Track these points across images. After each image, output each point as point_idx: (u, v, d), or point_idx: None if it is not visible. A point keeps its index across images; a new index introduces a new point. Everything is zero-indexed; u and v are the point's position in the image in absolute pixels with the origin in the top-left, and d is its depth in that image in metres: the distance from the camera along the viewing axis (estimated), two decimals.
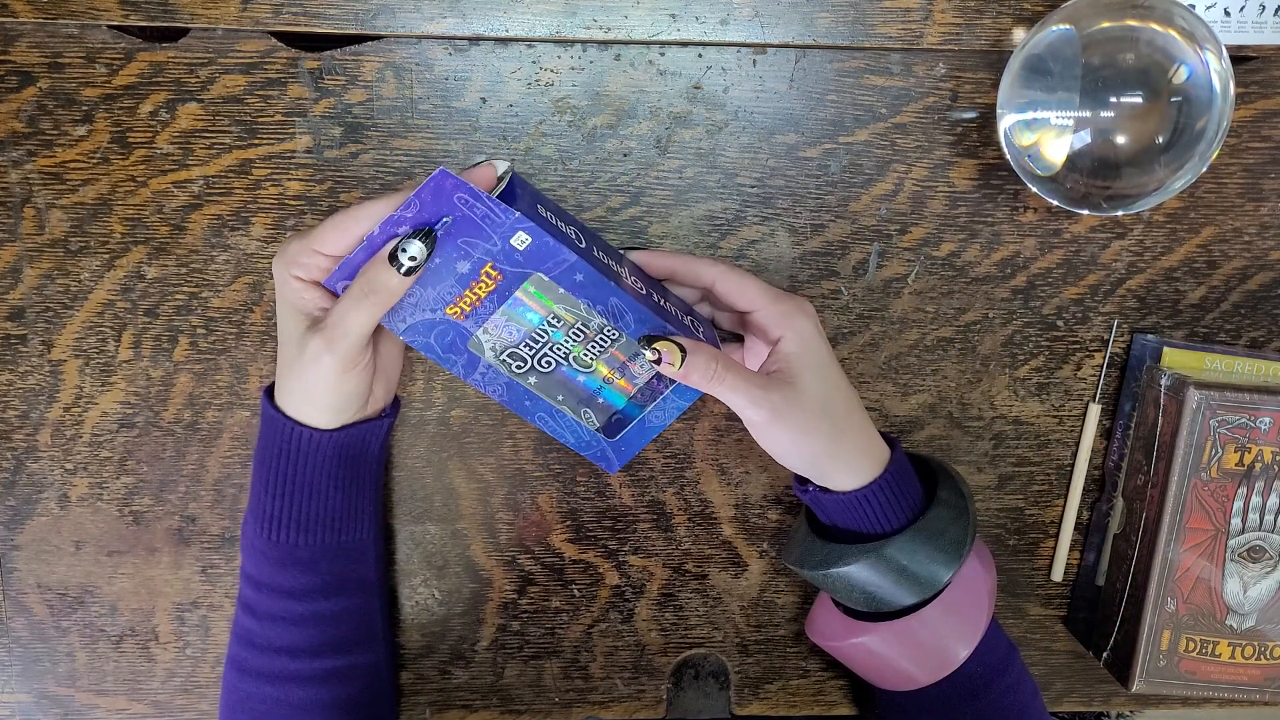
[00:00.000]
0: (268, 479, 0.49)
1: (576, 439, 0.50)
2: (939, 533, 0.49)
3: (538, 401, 0.49)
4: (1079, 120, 0.49)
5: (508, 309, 0.46)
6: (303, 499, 0.49)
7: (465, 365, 0.48)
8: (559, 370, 0.49)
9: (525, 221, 0.44)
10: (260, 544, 0.49)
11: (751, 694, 0.62)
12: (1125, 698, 0.64)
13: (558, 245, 0.45)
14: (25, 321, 0.55)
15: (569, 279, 0.46)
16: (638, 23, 0.52)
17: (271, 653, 0.50)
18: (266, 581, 0.49)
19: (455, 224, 0.44)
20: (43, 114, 0.52)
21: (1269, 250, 0.58)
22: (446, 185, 0.43)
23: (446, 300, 0.46)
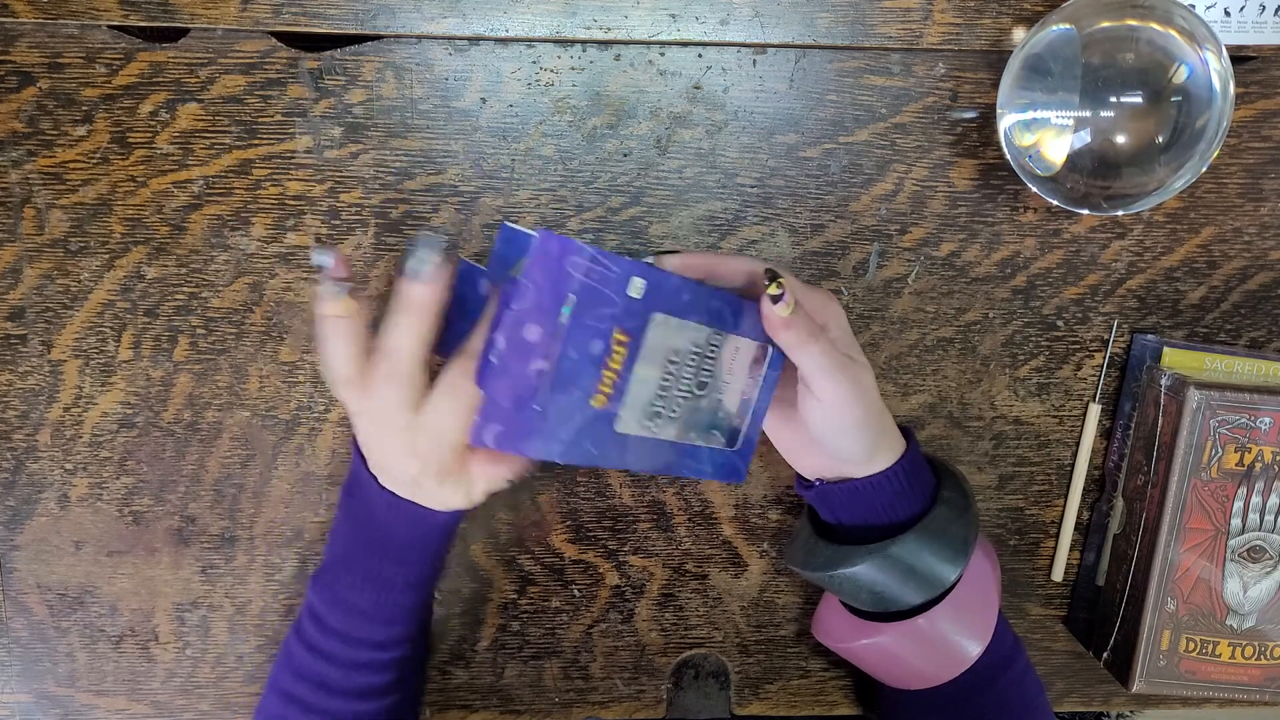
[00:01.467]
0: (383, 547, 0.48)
1: (715, 467, 0.47)
2: (944, 531, 0.49)
3: (679, 449, 0.45)
4: (1079, 120, 0.49)
5: (640, 369, 0.41)
6: (420, 566, 0.49)
7: (619, 454, 0.42)
8: (687, 406, 0.45)
9: (636, 264, 0.39)
10: (365, 604, 0.49)
11: (752, 694, 0.62)
12: (1125, 698, 0.64)
13: (664, 273, 0.41)
14: (25, 321, 0.55)
15: (678, 302, 0.42)
16: (638, 23, 0.52)
17: (346, 695, 0.50)
18: (359, 636, 0.49)
19: (580, 301, 0.38)
20: (43, 114, 0.52)
21: (1269, 250, 0.58)
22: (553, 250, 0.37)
23: (590, 392, 0.40)
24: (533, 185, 0.54)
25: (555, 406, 0.39)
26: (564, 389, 0.39)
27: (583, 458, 0.41)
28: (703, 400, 0.45)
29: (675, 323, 0.42)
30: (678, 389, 0.44)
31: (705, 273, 0.49)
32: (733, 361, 0.46)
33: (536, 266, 0.38)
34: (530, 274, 0.38)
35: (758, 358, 0.47)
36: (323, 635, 0.50)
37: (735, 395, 0.47)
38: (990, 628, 0.50)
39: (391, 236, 0.55)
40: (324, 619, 0.50)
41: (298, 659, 0.50)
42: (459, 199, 0.54)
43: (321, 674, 0.50)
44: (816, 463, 0.50)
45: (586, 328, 0.39)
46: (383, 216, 0.54)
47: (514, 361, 0.39)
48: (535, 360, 0.39)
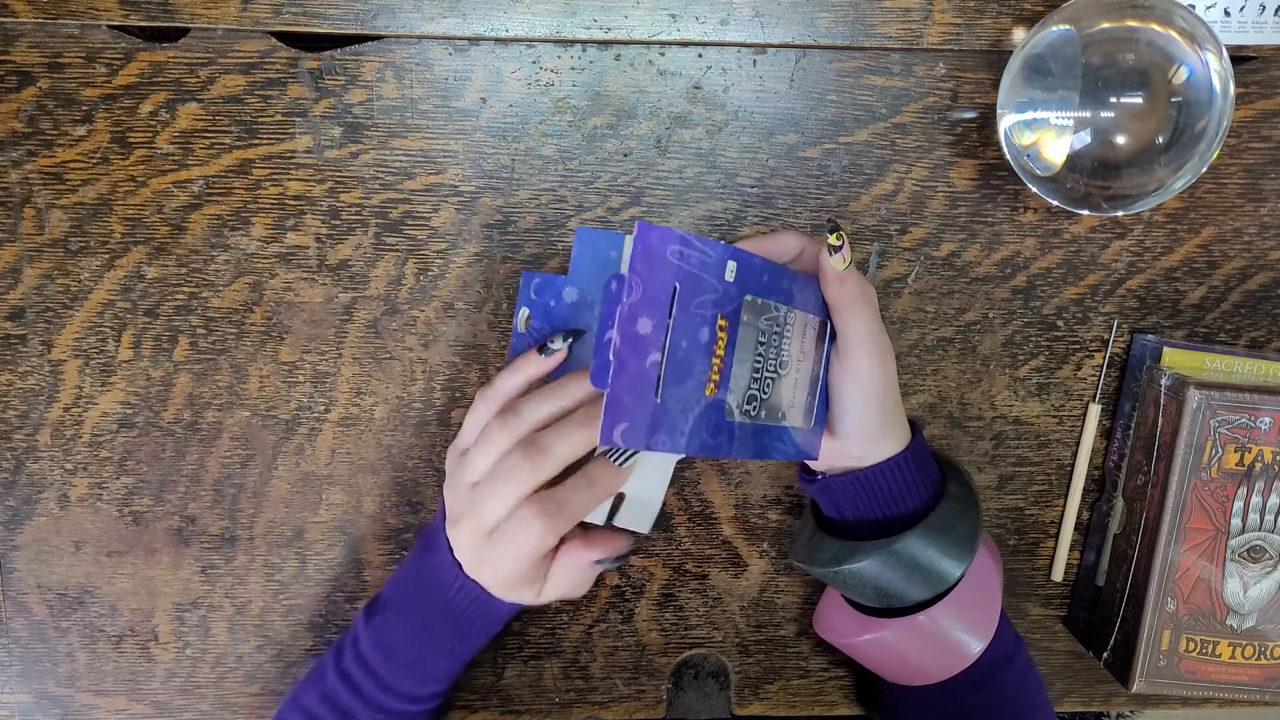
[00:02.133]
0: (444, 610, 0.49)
1: (796, 447, 0.47)
2: (950, 527, 0.49)
3: (773, 434, 0.45)
4: (1079, 120, 0.49)
5: (739, 354, 0.42)
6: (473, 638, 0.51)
7: (728, 443, 0.42)
8: (774, 387, 0.45)
9: (730, 248, 0.40)
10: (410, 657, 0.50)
11: (751, 694, 0.62)
12: (1125, 698, 0.64)
13: (748, 254, 0.41)
14: (25, 321, 0.55)
15: (760, 283, 0.42)
16: (638, 23, 0.52)
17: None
18: (395, 687, 0.50)
19: (682, 290, 0.38)
20: (43, 114, 0.52)
21: (1269, 250, 0.58)
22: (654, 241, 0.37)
23: (702, 381, 0.40)
24: (533, 185, 0.54)
25: (674, 398, 0.39)
26: (680, 380, 0.39)
27: (700, 449, 0.41)
28: (785, 379, 0.45)
29: (760, 304, 0.42)
30: (767, 371, 0.44)
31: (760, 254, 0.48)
32: (803, 338, 0.46)
33: (640, 258, 0.37)
34: (635, 267, 0.37)
35: (821, 333, 0.48)
36: (361, 671, 0.50)
37: (807, 371, 0.47)
38: (992, 625, 0.50)
39: (391, 236, 0.55)
40: (366, 657, 0.50)
41: (329, 684, 0.51)
42: (459, 199, 0.54)
43: (348, 707, 0.50)
44: (824, 449, 0.50)
45: (693, 315, 0.39)
46: (383, 216, 0.54)
47: (631, 356, 0.38)
48: (651, 353, 0.38)
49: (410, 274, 0.55)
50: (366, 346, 0.56)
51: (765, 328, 0.43)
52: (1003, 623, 0.52)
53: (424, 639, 0.50)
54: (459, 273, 0.55)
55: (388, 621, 0.50)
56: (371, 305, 0.55)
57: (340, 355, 0.56)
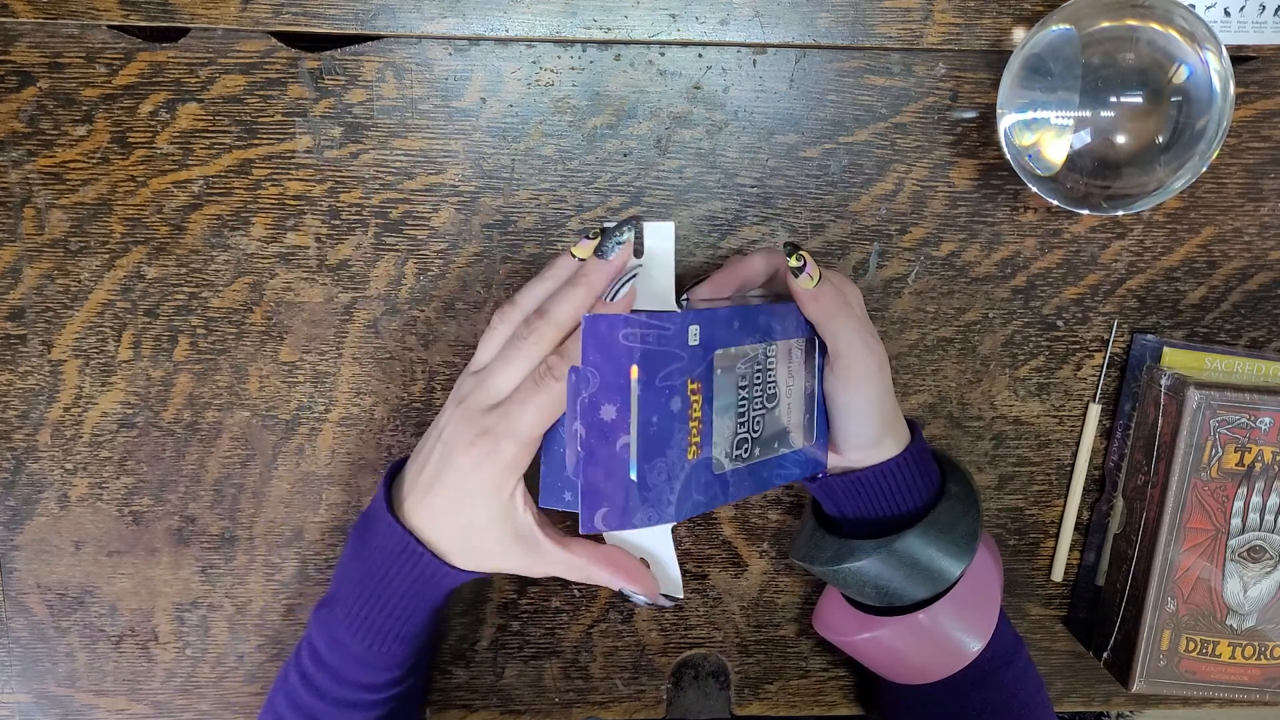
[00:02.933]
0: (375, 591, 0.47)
1: (801, 466, 0.48)
2: (950, 526, 0.49)
3: (771, 465, 0.46)
4: (1079, 120, 0.49)
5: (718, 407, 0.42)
6: (419, 621, 0.48)
7: (723, 493, 0.43)
8: (764, 423, 0.45)
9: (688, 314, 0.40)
10: (357, 648, 0.48)
11: (751, 694, 0.62)
12: (1125, 698, 0.64)
13: (712, 311, 0.41)
14: (25, 321, 0.55)
15: (730, 331, 0.43)
16: (638, 23, 0.52)
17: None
18: (349, 678, 0.49)
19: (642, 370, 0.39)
20: (43, 114, 0.52)
21: (1269, 250, 0.58)
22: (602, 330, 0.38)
23: (682, 448, 0.41)
24: (533, 185, 0.54)
25: (654, 471, 0.39)
26: (657, 453, 0.40)
27: (694, 509, 0.41)
28: (775, 410, 0.46)
29: (734, 351, 0.43)
30: (753, 410, 0.45)
31: (735, 284, 0.48)
32: (789, 363, 0.47)
33: (591, 348, 0.38)
34: (588, 357, 0.38)
35: (810, 349, 0.48)
36: (316, 669, 0.49)
37: (799, 393, 0.47)
38: (991, 624, 0.50)
39: (391, 236, 0.55)
40: (320, 653, 0.49)
41: (292, 686, 0.50)
42: (459, 199, 0.54)
43: (311, 707, 0.49)
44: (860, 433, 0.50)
45: (660, 390, 0.39)
46: (383, 216, 0.54)
47: (600, 444, 0.39)
48: (620, 436, 0.39)
49: (410, 274, 0.55)
50: (366, 346, 0.56)
51: (745, 370, 0.44)
52: (1002, 623, 0.52)
53: (368, 628, 0.48)
54: (459, 273, 0.55)
55: (333, 615, 0.48)
56: (371, 305, 0.55)
57: (340, 355, 0.56)
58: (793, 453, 0.47)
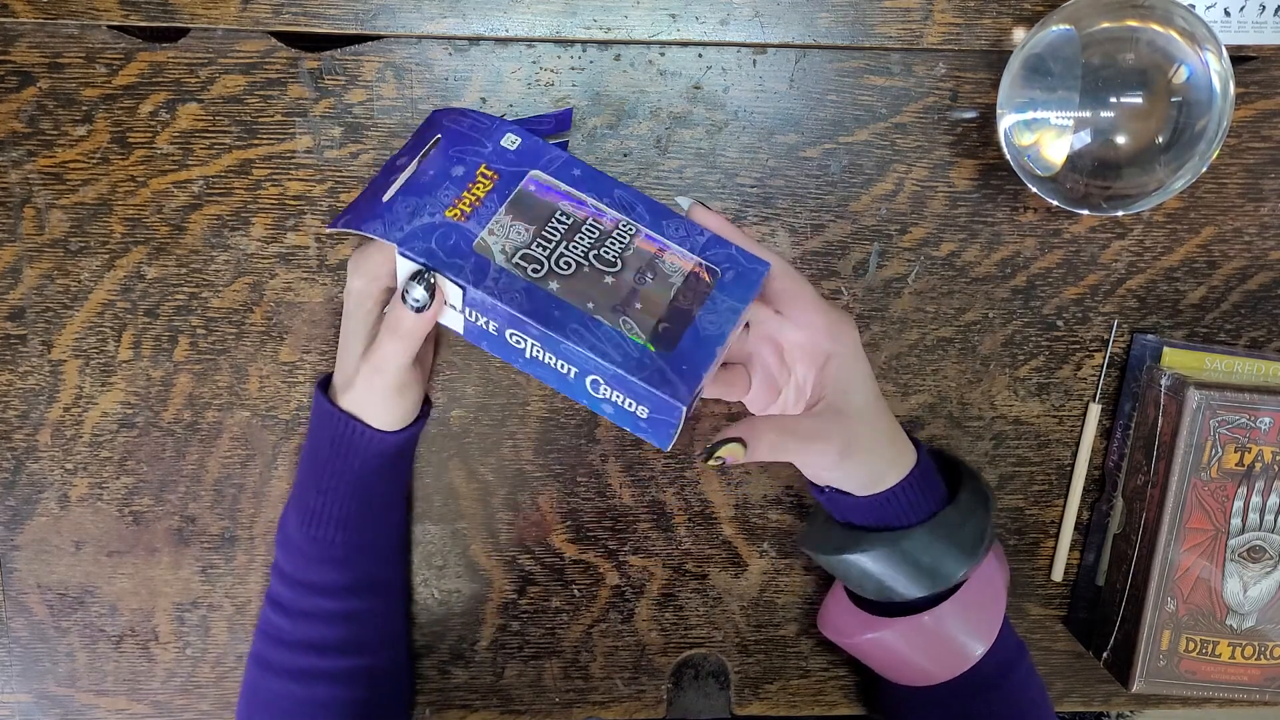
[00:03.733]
0: (317, 474, 0.49)
1: (624, 357, 0.42)
2: (957, 527, 0.49)
3: (567, 310, 0.42)
4: (1079, 120, 0.49)
5: (511, 209, 0.45)
6: (346, 495, 0.50)
7: (474, 271, 0.43)
8: (581, 272, 0.44)
9: (510, 124, 0.46)
10: (299, 539, 0.50)
11: (751, 694, 0.62)
12: (1125, 698, 0.64)
13: (546, 144, 0.46)
14: (25, 321, 0.55)
15: (567, 174, 0.46)
16: (638, 23, 0.52)
17: (300, 650, 0.50)
18: (302, 579, 0.50)
19: (444, 139, 0.46)
20: (43, 114, 0.52)
21: (1269, 250, 0.58)
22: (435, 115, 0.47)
23: (444, 203, 0.45)
24: None
25: (403, 204, 0.45)
26: (414, 193, 0.45)
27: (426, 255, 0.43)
28: (607, 279, 0.44)
29: (561, 188, 0.46)
30: (566, 249, 0.44)
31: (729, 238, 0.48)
32: (654, 260, 0.45)
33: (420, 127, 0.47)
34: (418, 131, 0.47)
35: (697, 273, 0.45)
36: (276, 580, 0.51)
37: (660, 299, 0.44)
38: (995, 629, 0.50)
39: None
40: (278, 564, 0.51)
41: (263, 615, 0.52)
42: None
43: (279, 627, 0.50)
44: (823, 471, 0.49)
45: (449, 156, 0.46)
46: None
47: (381, 181, 0.47)
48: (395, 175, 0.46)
49: None
50: None
51: (573, 214, 0.45)
52: (1006, 627, 0.51)
53: (303, 510, 0.49)
54: None
55: (283, 515, 0.51)
56: None
57: None
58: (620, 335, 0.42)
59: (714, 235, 0.46)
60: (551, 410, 0.57)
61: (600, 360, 0.42)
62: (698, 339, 0.43)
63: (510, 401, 0.57)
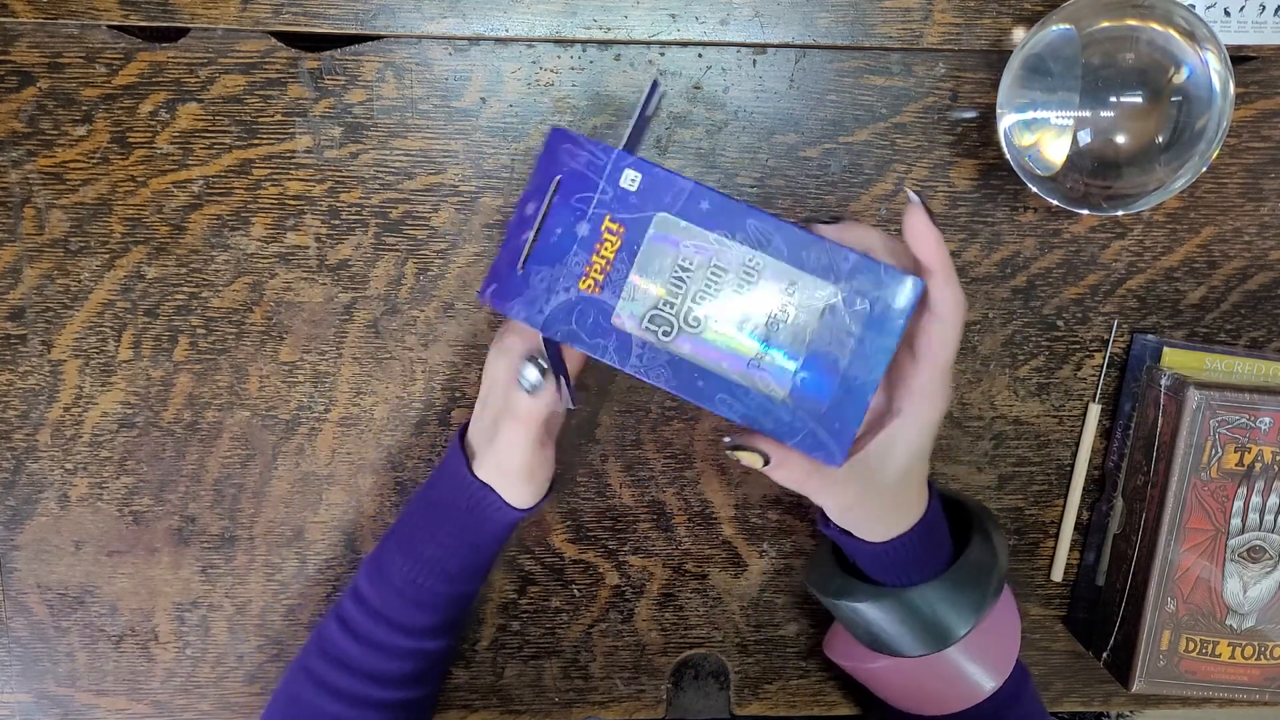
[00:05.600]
0: (435, 525, 0.49)
1: (776, 423, 0.40)
2: (963, 586, 0.47)
3: (710, 379, 0.41)
4: (1079, 120, 0.49)
5: (641, 266, 0.41)
6: (463, 554, 0.50)
7: (617, 349, 0.41)
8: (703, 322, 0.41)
9: (628, 157, 0.40)
10: (399, 581, 0.49)
11: (751, 694, 0.62)
12: (1125, 698, 0.64)
13: (670, 175, 0.40)
14: (25, 321, 0.55)
15: (695, 210, 0.40)
16: (638, 23, 0.52)
17: (362, 677, 0.50)
18: (388, 615, 0.50)
19: (564, 181, 0.41)
20: (43, 114, 0.52)
21: (1269, 250, 0.58)
22: (552, 141, 0.41)
23: (576, 273, 0.41)
24: None
25: (538, 275, 0.42)
26: (547, 261, 0.42)
27: (570, 338, 0.41)
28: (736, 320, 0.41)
29: (683, 226, 0.41)
30: (694, 303, 0.41)
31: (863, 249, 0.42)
32: (788, 298, 0.40)
33: (545, 155, 0.42)
34: (541, 161, 0.42)
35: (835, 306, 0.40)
36: (355, 607, 0.50)
37: (799, 342, 0.41)
38: (1010, 663, 0.49)
39: (391, 236, 0.55)
40: (361, 591, 0.50)
41: (326, 634, 0.51)
42: (459, 199, 0.54)
43: (344, 651, 0.50)
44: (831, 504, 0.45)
45: (571, 208, 0.41)
46: (383, 216, 0.54)
47: (515, 233, 0.42)
48: (526, 231, 0.42)
49: (410, 274, 0.55)
50: (366, 346, 0.56)
51: (691, 255, 0.41)
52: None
53: (414, 556, 0.49)
54: (459, 273, 0.55)
55: (383, 551, 0.50)
56: (371, 305, 0.55)
57: (340, 355, 0.56)
58: (759, 394, 0.41)
59: (863, 258, 0.40)
60: None
61: (757, 428, 0.41)
62: (847, 389, 0.40)
63: None
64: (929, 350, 0.41)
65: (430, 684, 0.53)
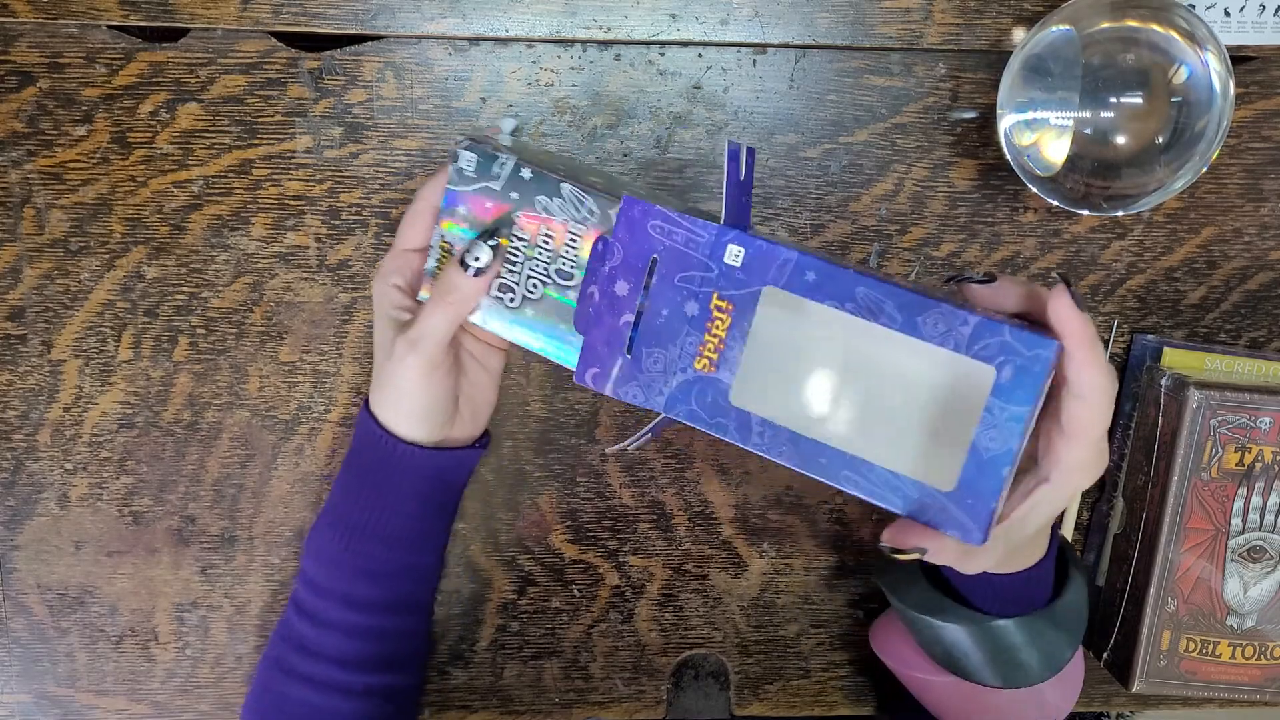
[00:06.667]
0: (353, 486, 0.49)
1: (905, 500, 0.38)
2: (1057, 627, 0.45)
3: (833, 456, 0.39)
4: (1079, 120, 0.49)
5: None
6: (388, 513, 0.48)
7: (738, 429, 0.40)
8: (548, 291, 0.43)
9: (730, 233, 0.39)
10: (334, 551, 0.49)
11: (751, 694, 0.62)
12: (1125, 698, 0.64)
13: (774, 246, 0.39)
14: (25, 321, 0.55)
15: (800, 282, 0.39)
16: (638, 23, 0.52)
17: (323, 660, 0.49)
18: (332, 589, 0.49)
19: (662, 262, 0.40)
20: (43, 114, 0.52)
21: (1269, 250, 0.58)
22: (636, 214, 0.40)
23: (691, 353, 0.40)
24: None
25: (652, 358, 0.41)
26: (657, 343, 0.41)
27: (693, 419, 0.41)
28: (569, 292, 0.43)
29: (799, 302, 0.39)
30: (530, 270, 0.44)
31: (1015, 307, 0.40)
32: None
33: (623, 226, 0.41)
34: (618, 234, 0.41)
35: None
36: (304, 588, 0.50)
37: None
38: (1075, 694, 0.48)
39: (391, 236, 0.55)
40: (307, 572, 0.50)
41: (286, 620, 0.51)
42: None
43: (302, 634, 0.49)
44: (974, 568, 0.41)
45: (676, 288, 0.40)
46: (383, 216, 0.54)
47: (607, 313, 0.42)
48: (625, 313, 0.41)
49: None
50: (366, 346, 0.56)
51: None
52: None
53: (342, 524, 0.48)
54: None
55: (317, 522, 0.50)
56: (371, 305, 0.55)
57: (340, 355, 0.56)
58: (889, 473, 0.39)
59: (984, 320, 0.37)
60: (551, 410, 0.57)
61: (886, 506, 0.39)
62: (980, 463, 0.37)
63: (510, 401, 0.57)
64: (1076, 429, 0.38)
65: (403, 672, 0.52)
